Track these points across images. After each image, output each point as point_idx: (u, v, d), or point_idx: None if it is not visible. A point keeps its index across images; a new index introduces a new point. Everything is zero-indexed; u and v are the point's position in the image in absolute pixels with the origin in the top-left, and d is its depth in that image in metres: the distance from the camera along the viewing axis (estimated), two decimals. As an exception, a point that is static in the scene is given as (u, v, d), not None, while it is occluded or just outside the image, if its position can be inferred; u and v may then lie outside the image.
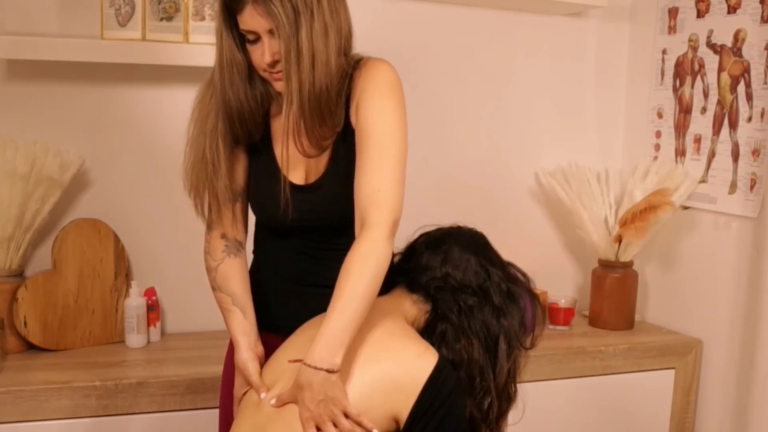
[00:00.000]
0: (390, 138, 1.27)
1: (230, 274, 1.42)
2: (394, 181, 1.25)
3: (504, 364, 1.28)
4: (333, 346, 1.15)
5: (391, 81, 1.30)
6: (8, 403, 1.62)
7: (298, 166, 1.35)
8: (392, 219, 1.24)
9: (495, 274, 1.33)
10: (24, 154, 1.81)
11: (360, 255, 1.20)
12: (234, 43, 1.27)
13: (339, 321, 1.16)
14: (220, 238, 1.43)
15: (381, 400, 1.16)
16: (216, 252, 1.44)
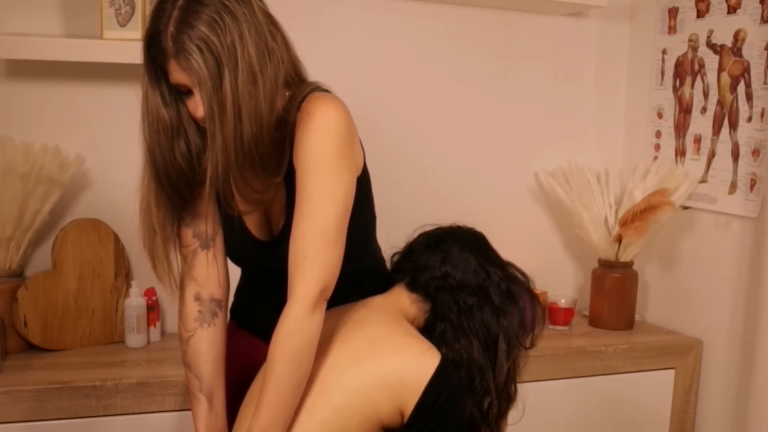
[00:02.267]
0: (321, 195, 1.16)
1: (201, 351, 1.30)
2: (323, 246, 1.16)
3: (503, 363, 1.28)
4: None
5: (327, 127, 1.17)
6: (8, 403, 1.62)
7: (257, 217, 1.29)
8: (318, 289, 1.15)
9: (494, 273, 1.33)
10: (24, 153, 1.81)
11: (282, 337, 1.14)
12: (160, 99, 1.17)
13: (268, 413, 1.14)
14: (194, 300, 1.31)
15: (390, 394, 1.16)
16: (188, 320, 1.31)
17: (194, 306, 1.31)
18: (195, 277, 1.31)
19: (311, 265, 1.15)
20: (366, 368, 1.18)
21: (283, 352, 1.14)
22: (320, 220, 1.16)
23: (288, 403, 1.15)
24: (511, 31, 2.31)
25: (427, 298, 1.31)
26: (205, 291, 1.32)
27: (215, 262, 1.31)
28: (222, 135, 1.11)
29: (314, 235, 1.16)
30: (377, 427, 1.17)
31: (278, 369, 1.14)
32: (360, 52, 2.16)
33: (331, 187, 1.17)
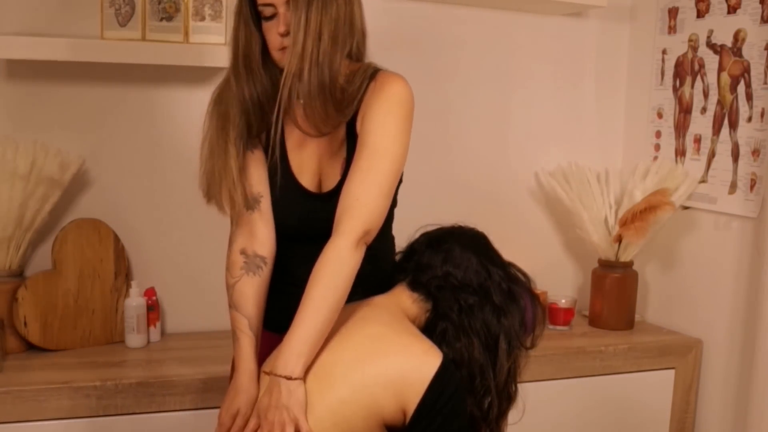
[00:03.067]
0: (384, 151, 1.27)
1: (247, 295, 1.36)
2: (377, 193, 1.26)
3: (504, 363, 1.28)
4: (293, 354, 1.18)
5: (399, 97, 1.31)
6: (8, 403, 1.62)
7: (311, 171, 1.35)
8: (363, 229, 1.24)
9: (496, 273, 1.33)
10: (24, 154, 1.81)
11: (322, 263, 1.22)
12: (253, 26, 1.29)
13: (300, 331, 1.19)
14: (239, 253, 1.37)
15: (393, 393, 1.16)
16: (234, 268, 1.38)
17: (240, 258, 1.37)
18: (241, 234, 1.38)
19: (362, 208, 1.25)
20: (370, 366, 1.18)
21: (321, 277, 1.21)
22: (378, 172, 1.26)
23: (319, 327, 1.20)
24: (511, 31, 2.31)
25: (429, 297, 1.31)
26: (250, 247, 1.37)
27: (260, 223, 1.37)
28: (303, 43, 1.21)
29: (371, 183, 1.26)
30: (380, 423, 1.18)
31: (314, 293, 1.21)
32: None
33: (393, 147, 1.28)
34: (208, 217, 2.08)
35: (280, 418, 1.16)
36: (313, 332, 1.19)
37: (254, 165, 1.36)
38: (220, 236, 2.10)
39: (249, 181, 1.35)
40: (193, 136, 2.05)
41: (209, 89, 2.02)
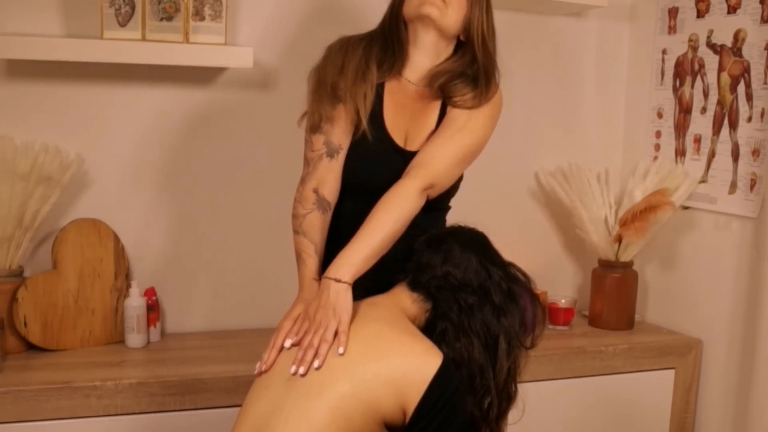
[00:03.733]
0: (470, 129, 1.44)
1: (316, 226, 1.47)
2: (452, 160, 1.42)
3: (504, 363, 1.28)
4: (345, 262, 1.30)
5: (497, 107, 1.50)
6: (8, 403, 1.62)
7: (402, 129, 1.48)
8: (430, 179, 1.40)
9: (495, 273, 1.33)
10: (24, 154, 1.81)
11: (389, 195, 1.36)
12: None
13: (355, 245, 1.32)
14: (312, 191, 1.48)
15: (393, 392, 1.17)
16: (307, 202, 1.48)
17: (312, 195, 1.48)
18: (316, 177, 1.48)
19: (435, 164, 1.41)
20: (371, 364, 1.19)
21: (385, 204, 1.35)
22: (459, 144, 1.44)
23: (373, 245, 1.32)
24: (511, 31, 2.31)
25: (428, 297, 1.31)
26: (321, 190, 1.48)
27: (333, 172, 1.49)
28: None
29: (449, 149, 1.43)
30: (380, 421, 1.18)
31: (376, 216, 1.34)
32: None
33: (479, 129, 1.46)
34: (209, 218, 2.09)
35: (326, 317, 1.25)
36: (368, 248, 1.31)
37: (343, 119, 1.46)
38: (221, 237, 2.11)
39: (335, 131, 1.47)
40: (193, 135, 2.06)
41: (209, 89, 2.04)
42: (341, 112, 1.46)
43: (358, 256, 1.31)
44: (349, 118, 1.46)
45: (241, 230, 2.11)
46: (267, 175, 2.12)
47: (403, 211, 1.36)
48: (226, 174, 2.08)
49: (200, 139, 2.05)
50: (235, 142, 2.08)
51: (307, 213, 1.47)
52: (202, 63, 1.89)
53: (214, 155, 2.07)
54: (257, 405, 1.22)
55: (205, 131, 2.05)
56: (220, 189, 2.08)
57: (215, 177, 2.07)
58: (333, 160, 1.48)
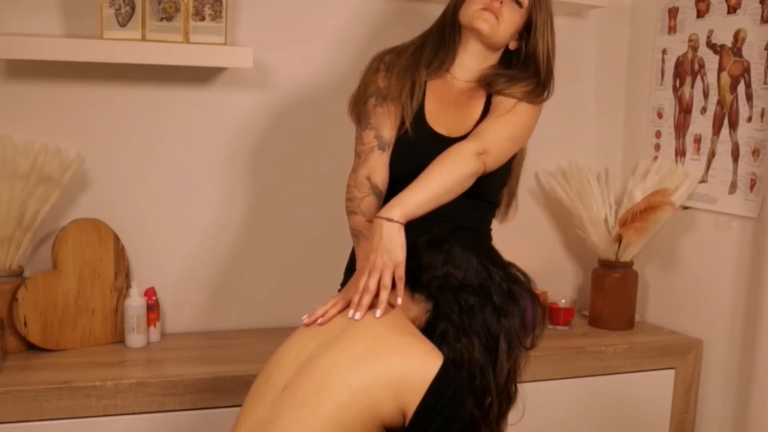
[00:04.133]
0: (520, 111, 1.53)
1: (373, 208, 1.53)
2: (505, 135, 1.50)
3: (504, 363, 1.28)
4: (398, 204, 1.33)
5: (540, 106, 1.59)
6: (8, 403, 1.62)
7: (445, 121, 1.56)
8: (484, 144, 1.45)
9: (496, 273, 1.33)
10: (24, 154, 1.81)
11: (446, 153, 1.41)
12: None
13: (410, 191, 1.35)
14: (366, 178, 1.56)
15: (392, 394, 1.16)
16: (363, 187, 1.56)
17: (366, 182, 1.56)
18: (368, 166, 1.56)
19: (488, 134, 1.48)
20: (370, 367, 1.18)
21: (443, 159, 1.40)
22: (512, 122, 1.52)
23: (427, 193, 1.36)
24: (511, 31, 2.31)
25: (429, 297, 1.31)
26: (374, 178, 1.56)
27: (383, 165, 1.57)
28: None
29: (503, 125, 1.51)
30: (379, 425, 1.17)
31: (432, 168, 1.39)
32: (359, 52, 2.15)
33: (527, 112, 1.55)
34: (209, 217, 2.09)
35: (382, 260, 1.27)
36: (422, 194, 1.35)
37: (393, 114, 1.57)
38: (221, 237, 2.11)
39: (386, 126, 1.57)
40: (193, 135, 2.06)
41: (209, 89, 2.04)
42: (390, 109, 1.57)
43: (411, 200, 1.33)
44: (396, 115, 1.57)
45: (241, 230, 2.11)
46: (267, 174, 2.12)
47: (457, 166, 1.40)
48: (225, 174, 2.08)
49: (200, 139, 2.05)
50: (235, 142, 2.08)
51: (365, 196, 1.55)
52: (202, 63, 1.89)
53: (214, 155, 2.07)
54: (253, 414, 1.21)
55: (205, 131, 2.05)
56: (220, 189, 2.08)
57: (215, 177, 2.07)
58: (384, 153, 1.57)
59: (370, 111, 1.59)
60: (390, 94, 1.57)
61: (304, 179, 2.15)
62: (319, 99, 2.13)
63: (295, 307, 2.16)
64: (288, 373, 1.22)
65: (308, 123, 2.13)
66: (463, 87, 1.61)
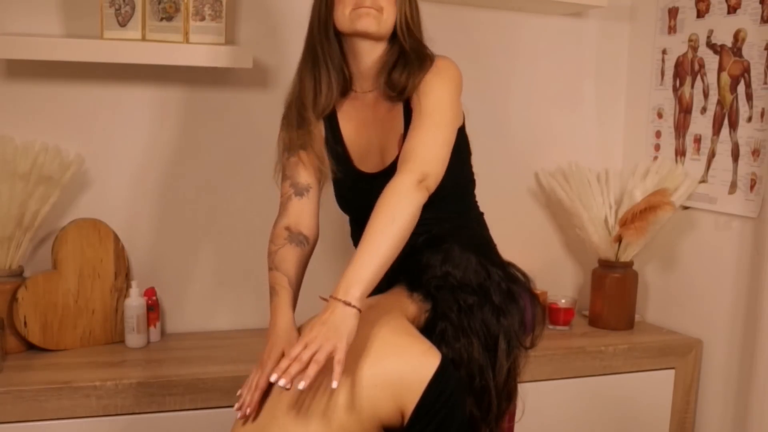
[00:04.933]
0: (435, 109, 1.36)
1: (288, 259, 1.46)
2: (433, 142, 1.34)
3: (503, 363, 1.28)
4: (353, 280, 1.20)
5: (447, 69, 1.43)
6: (8, 403, 1.62)
7: (373, 153, 1.47)
8: (421, 170, 1.30)
9: (495, 273, 1.33)
10: (24, 153, 1.81)
11: (382, 198, 1.28)
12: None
13: (360, 259, 1.23)
14: (284, 228, 1.49)
15: (390, 394, 1.16)
16: (278, 239, 1.49)
17: (284, 231, 1.49)
18: (287, 215, 1.51)
19: (419, 153, 1.32)
20: (368, 367, 1.18)
21: (380, 209, 1.26)
22: (433, 125, 1.35)
23: (379, 257, 1.23)
24: (511, 31, 2.31)
25: (428, 297, 1.31)
26: (295, 226, 1.50)
27: (307, 209, 1.51)
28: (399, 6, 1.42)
29: (425, 134, 1.34)
30: (377, 425, 1.17)
31: (374, 224, 1.25)
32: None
33: (443, 105, 1.38)
34: (209, 218, 2.09)
35: (323, 335, 1.15)
36: (373, 261, 1.22)
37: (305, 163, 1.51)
38: (221, 237, 2.11)
39: (300, 173, 1.51)
40: (193, 135, 2.06)
41: (209, 89, 2.04)
42: (302, 156, 1.50)
43: (366, 273, 1.22)
44: (311, 161, 1.50)
45: (241, 230, 2.11)
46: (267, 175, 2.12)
47: (398, 209, 1.27)
48: (226, 174, 2.08)
49: (200, 139, 2.05)
50: (235, 142, 2.08)
51: (279, 248, 1.47)
52: (202, 63, 1.89)
53: (214, 155, 2.07)
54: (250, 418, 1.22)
55: (205, 131, 2.05)
56: (220, 189, 2.08)
57: (215, 177, 2.07)
58: (303, 198, 1.51)
59: (284, 165, 1.53)
60: (295, 145, 1.50)
61: (304, 179, 2.15)
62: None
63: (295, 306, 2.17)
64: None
65: (308, 123, 2.13)
66: (375, 97, 1.48)
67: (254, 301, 2.14)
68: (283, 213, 1.52)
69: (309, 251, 1.51)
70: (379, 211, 1.26)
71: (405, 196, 1.27)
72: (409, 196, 1.28)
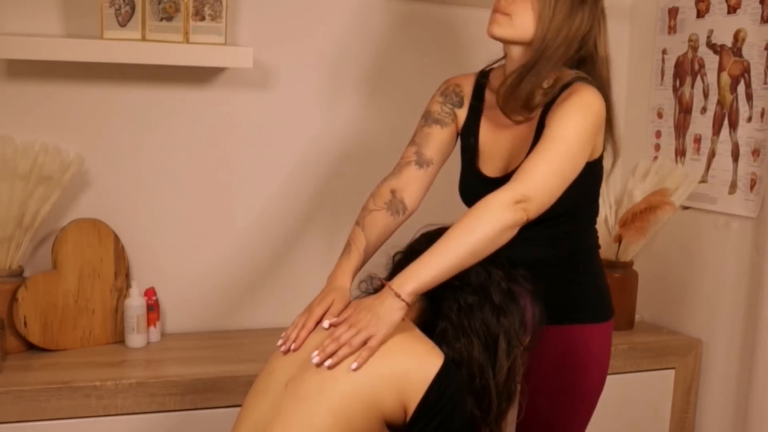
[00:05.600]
0: (560, 137, 1.33)
1: (378, 224, 1.47)
2: (546, 170, 1.30)
3: (504, 363, 1.28)
4: (411, 276, 1.23)
5: (588, 100, 1.37)
6: (8, 403, 1.62)
7: (500, 157, 1.48)
8: (522, 192, 1.28)
9: (495, 273, 1.33)
10: (24, 154, 1.81)
11: (472, 210, 1.28)
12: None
13: (425, 257, 1.24)
14: (389, 191, 1.50)
15: (395, 390, 1.16)
16: (379, 199, 1.50)
17: (388, 194, 1.50)
18: (399, 179, 1.51)
19: (527, 176, 1.30)
20: (374, 363, 1.18)
21: (463, 218, 1.26)
22: (553, 154, 1.32)
23: (445, 262, 1.23)
24: (511, 31, 2.31)
25: (428, 296, 1.31)
26: (400, 192, 1.51)
27: (419, 180, 1.53)
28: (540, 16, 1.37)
29: (541, 160, 1.31)
30: (380, 419, 1.18)
31: (452, 230, 1.25)
32: (360, 52, 2.16)
33: (571, 136, 1.33)
34: (209, 218, 2.09)
35: (366, 321, 1.19)
36: (437, 264, 1.23)
37: (437, 138, 1.54)
38: (221, 236, 2.11)
39: (429, 145, 1.53)
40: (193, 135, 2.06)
41: (209, 89, 2.04)
42: (436, 130, 1.54)
43: (427, 272, 1.23)
44: (443, 138, 1.54)
45: (241, 230, 2.11)
46: (267, 175, 2.12)
47: (485, 226, 1.25)
48: (225, 174, 2.08)
49: (200, 139, 2.05)
50: (235, 142, 2.08)
51: (375, 210, 1.48)
52: (202, 63, 1.89)
53: (214, 155, 2.07)
54: (255, 410, 1.22)
55: (205, 131, 2.05)
56: (219, 189, 2.08)
57: (215, 177, 2.07)
58: (421, 169, 1.52)
59: (417, 129, 1.56)
60: (435, 117, 1.55)
61: (303, 179, 2.15)
62: (319, 99, 2.13)
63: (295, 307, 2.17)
64: (290, 370, 1.22)
65: (308, 123, 2.13)
66: None
67: (254, 301, 2.15)
68: (396, 174, 1.52)
69: (401, 221, 1.51)
70: (464, 218, 1.27)
71: (495, 211, 1.26)
72: (499, 212, 1.26)
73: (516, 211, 1.27)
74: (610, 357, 1.60)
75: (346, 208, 2.18)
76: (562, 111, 1.36)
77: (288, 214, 2.15)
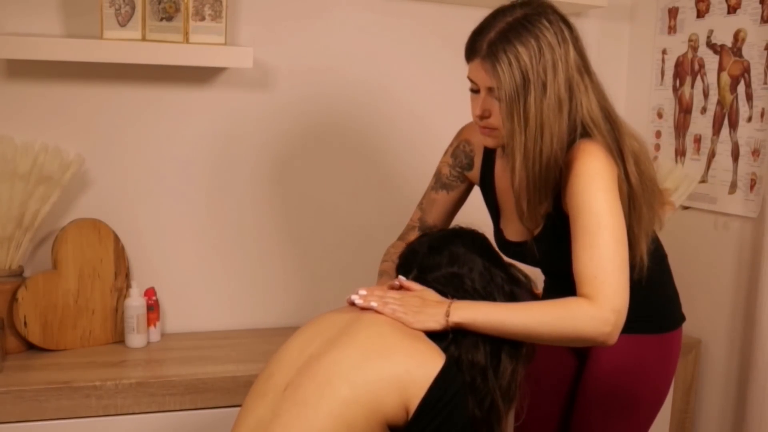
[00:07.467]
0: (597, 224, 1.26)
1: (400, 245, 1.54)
2: (612, 269, 1.25)
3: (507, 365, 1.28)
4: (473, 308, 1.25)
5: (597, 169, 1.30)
6: (8, 403, 1.63)
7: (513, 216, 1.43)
8: (611, 307, 1.23)
9: (498, 275, 1.33)
10: (24, 154, 1.81)
11: (568, 302, 1.24)
12: None
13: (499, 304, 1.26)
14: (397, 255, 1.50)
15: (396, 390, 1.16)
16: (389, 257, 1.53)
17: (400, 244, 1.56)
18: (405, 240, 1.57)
19: (603, 286, 1.24)
20: (373, 364, 1.18)
21: (565, 304, 1.23)
22: (601, 247, 1.25)
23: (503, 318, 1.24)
24: (511, 31, 2.31)
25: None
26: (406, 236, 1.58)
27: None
28: (523, 142, 1.28)
29: (601, 259, 1.25)
30: (382, 422, 1.17)
31: (543, 306, 1.25)
32: (359, 52, 2.16)
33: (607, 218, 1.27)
34: (209, 218, 2.09)
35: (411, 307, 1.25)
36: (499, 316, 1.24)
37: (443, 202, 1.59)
38: (221, 237, 2.11)
39: (433, 212, 1.58)
40: (193, 135, 2.06)
41: (209, 89, 2.04)
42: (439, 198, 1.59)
43: (486, 315, 1.24)
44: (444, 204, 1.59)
45: (240, 230, 2.11)
46: (267, 175, 2.12)
47: (570, 328, 1.23)
48: (225, 174, 2.08)
49: (200, 139, 2.05)
50: (235, 142, 2.08)
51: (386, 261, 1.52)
52: (202, 63, 1.89)
53: (214, 155, 2.07)
54: (254, 412, 1.22)
55: (205, 131, 2.05)
56: (219, 189, 2.08)
57: (215, 177, 2.07)
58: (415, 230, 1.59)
59: (427, 190, 1.61)
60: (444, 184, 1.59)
61: (303, 179, 2.15)
62: (319, 99, 2.13)
63: (294, 307, 2.17)
64: (289, 373, 1.22)
65: (308, 123, 2.13)
66: None
67: (254, 301, 2.15)
68: (404, 238, 1.59)
69: None
70: (562, 303, 1.25)
71: (581, 322, 1.23)
72: (589, 324, 1.23)
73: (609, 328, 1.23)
74: (674, 367, 1.59)
75: (346, 208, 2.18)
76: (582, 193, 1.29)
77: (288, 214, 2.15)
